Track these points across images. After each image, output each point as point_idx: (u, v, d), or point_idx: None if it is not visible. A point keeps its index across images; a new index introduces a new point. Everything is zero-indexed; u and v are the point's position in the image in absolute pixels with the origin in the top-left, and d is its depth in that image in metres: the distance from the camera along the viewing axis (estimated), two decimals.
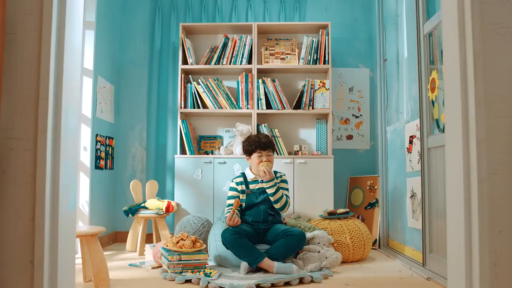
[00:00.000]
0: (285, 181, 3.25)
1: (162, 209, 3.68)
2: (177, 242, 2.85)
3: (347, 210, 3.48)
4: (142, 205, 3.76)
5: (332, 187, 3.83)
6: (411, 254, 3.26)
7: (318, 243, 3.10)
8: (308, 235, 3.10)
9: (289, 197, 3.19)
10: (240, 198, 3.13)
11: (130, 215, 3.67)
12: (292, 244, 2.90)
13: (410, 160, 3.27)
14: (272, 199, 3.08)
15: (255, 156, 3.17)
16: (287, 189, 3.23)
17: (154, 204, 3.72)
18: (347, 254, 3.24)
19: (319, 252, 2.99)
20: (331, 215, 3.43)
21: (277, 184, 3.10)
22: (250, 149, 3.18)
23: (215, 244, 3.10)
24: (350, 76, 4.41)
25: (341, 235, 3.28)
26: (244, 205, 3.13)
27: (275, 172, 3.23)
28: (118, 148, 4.33)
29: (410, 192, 3.27)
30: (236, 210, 3.06)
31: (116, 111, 4.33)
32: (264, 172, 3.05)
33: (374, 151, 4.33)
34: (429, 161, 2.85)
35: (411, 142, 3.27)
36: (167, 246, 2.85)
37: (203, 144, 4.20)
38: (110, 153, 4.16)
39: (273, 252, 2.87)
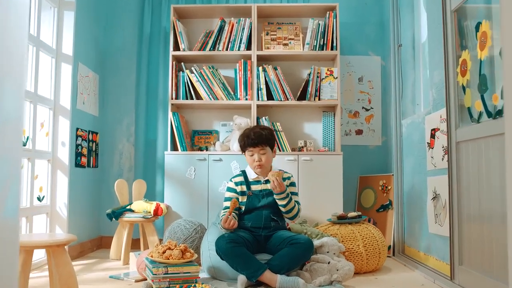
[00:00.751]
0: (293, 184, 2.82)
1: (150, 212, 3.27)
2: (164, 252, 2.43)
3: (359, 213, 3.06)
4: (128, 207, 3.35)
5: (342, 187, 3.42)
6: (434, 265, 2.84)
7: (328, 252, 2.69)
8: (316, 242, 2.69)
9: (300, 204, 2.78)
10: (240, 200, 2.72)
11: (113, 219, 3.26)
12: (298, 254, 2.49)
13: (432, 157, 2.86)
14: (283, 209, 2.67)
15: (247, 154, 2.76)
16: (296, 194, 2.81)
17: (141, 207, 3.31)
18: (360, 264, 2.82)
19: (329, 263, 2.58)
20: (342, 220, 3.02)
21: (289, 194, 2.68)
22: (241, 145, 2.77)
23: (208, 253, 2.69)
24: (359, 64, 3.99)
25: (353, 242, 2.86)
26: (243, 209, 2.71)
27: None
28: (103, 144, 3.92)
29: (432, 193, 2.85)
30: (233, 212, 2.65)
31: (101, 103, 3.92)
32: (274, 183, 2.58)
33: (386, 147, 3.92)
34: (459, 157, 2.44)
35: (433, 136, 2.86)
36: (151, 256, 2.43)
37: (197, 140, 3.79)
38: (94, 149, 3.74)
39: (276, 264, 2.46)
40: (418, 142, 3.17)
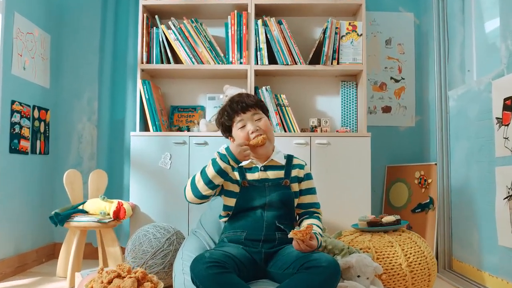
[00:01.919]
0: (309, 177, 1.89)
1: (108, 214, 2.40)
2: (109, 282, 1.56)
3: (398, 217, 2.18)
4: (80, 207, 2.47)
5: (370, 180, 2.54)
6: None
7: (359, 276, 1.82)
8: (341, 262, 1.82)
9: (320, 214, 1.90)
10: (227, 195, 1.82)
11: (58, 223, 2.38)
12: (318, 284, 1.60)
13: (507, 138, 1.98)
14: None
15: (236, 131, 1.84)
16: (314, 191, 1.89)
17: (98, 207, 2.44)
18: None
19: None
20: (374, 226, 2.14)
21: (321, 245, 1.75)
22: (223, 121, 1.85)
23: (182, 278, 1.81)
24: (386, 23, 3.10)
25: (393, 259, 1.99)
26: (234, 206, 1.81)
27: (291, 157, 1.88)
28: (57, 124, 3.04)
29: (504, 190, 1.99)
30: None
31: (54, 71, 3.03)
32: (299, 246, 1.62)
33: (422, 128, 3.04)
34: None
35: (508, 107, 1.98)
36: None
37: (176, 118, 2.90)
38: (42, 130, 2.86)
39: None
40: (477, 119, 2.30)
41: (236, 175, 1.80)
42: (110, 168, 2.94)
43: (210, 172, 1.69)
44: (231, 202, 1.80)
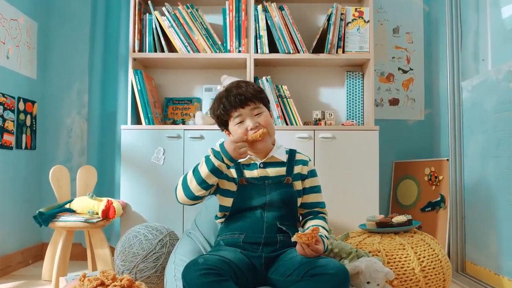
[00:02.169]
0: (314, 173, 1.71)
1: (97, 214, 2.23)
2: None
3: (409, 217, 2.01)
4: (67, 206, 2.31)
5: (378, 177, 2.37)
6: None
7: (368, 282, 1.65)
8: (350, 267, 1.65)
9: (326, 215, 1.73)
10: (223, 194, 1.65)
11: (42, 223, 2.21)
12: None
13: None
14: None
15: (233, 126, 1.64)
16: (319, 190, 1.71)
17: (86, 205, 2.27)
18: None
19: None
20: (383, 227, 1.98)
21: (327, 249, 1.60)
22: (219, 114, 1.67)
23: (174, 285, 1.65)
24: (394, 10, 2.93)
25: (405, 263, 1.82)
26: (231, 207, 1.64)
27: (293, 153, 1.70)
28: (44, 117, 2.87)
29: None
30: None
31: (41, 61, 2.86)
32: (304, 251, 1.45)
33: (431, 122, 2.87)
34: None
35: None
36: None
37: (171, 111, 2.73)
38: (28, 124, 2.69)
39: None
40: (494, 111, 2.13)
41: (233, 172, 1.62)
42: (101, 164, 2.77)
43: (203, 170, 1.52)
44: (228, 202, 1.62)
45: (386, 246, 1.87)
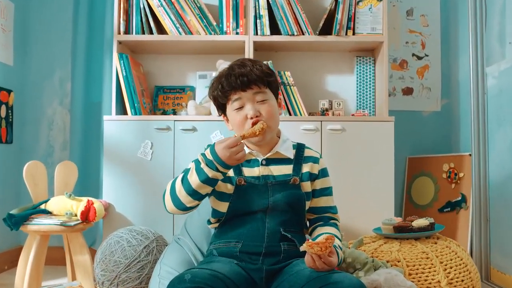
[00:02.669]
0: (325, 173, 1.46)
1: (75, 215, 1.97)
2: None
3: (431, 220, 1.75)
4: (42, 207, 2.04)
5: (393, 173, 2.11)
6: None
7: None
8: (366, 281, 1.39)
9: (338, 221, 1.46)
10: (219, 197, 1.38)
11: (12, 227, 1.94)
12: None
13: None
14: None
15: (231, 112, 1.37)
16: (330, 191, 1.45)
17: (63, 206, 2.01)
18: None
19: None
20: (402, 232, 1.72)
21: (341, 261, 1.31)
22: (216, 96, 1.39)
23: None
24: None
25: (429, 274, 1.57)
26: (227, 212, 1.37)
27: (301, 148, 1.43)
28: (23, 108, 2.61)
29: None
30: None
31: (19, 46, 2.59)
32: (315, 264, 1.18)
33: (449, 113, 2.61)
34: None
35: None
36: None
37: (162, 101, 2.46)
38: (4, 115, 2.43)
39: None
40: None
41: (230, 170, 1.35)
42: (85, 159, 2.52)
43: (194, 181, 1.24)
44: (223, 207, 1.36)
45: (407, 254, 1.61)
